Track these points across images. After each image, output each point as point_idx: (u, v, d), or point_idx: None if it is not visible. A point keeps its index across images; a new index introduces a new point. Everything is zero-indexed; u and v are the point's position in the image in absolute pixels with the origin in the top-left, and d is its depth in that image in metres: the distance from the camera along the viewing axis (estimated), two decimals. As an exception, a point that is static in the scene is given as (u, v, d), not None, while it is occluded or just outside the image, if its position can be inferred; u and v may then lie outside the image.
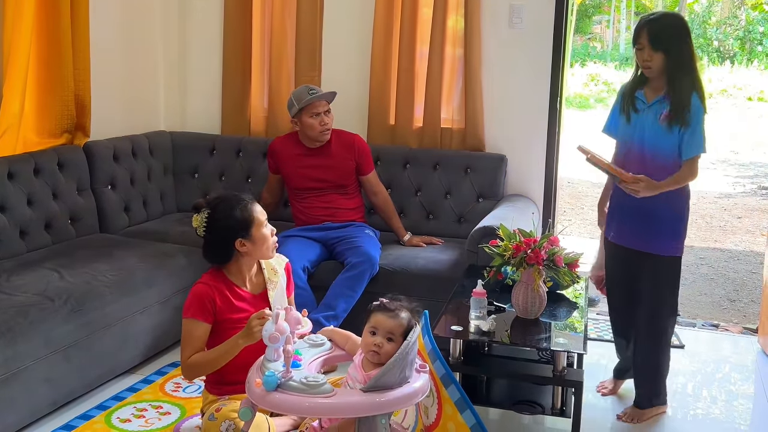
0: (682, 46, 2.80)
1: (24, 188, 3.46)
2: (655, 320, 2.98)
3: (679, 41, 2.80)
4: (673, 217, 2.88)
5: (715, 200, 8.52)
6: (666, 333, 3.03)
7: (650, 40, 2.79)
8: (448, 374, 2.31)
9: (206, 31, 4.64)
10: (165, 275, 3.40)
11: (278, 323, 2.15)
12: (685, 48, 2.80)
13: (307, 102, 3.66)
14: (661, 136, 2.82)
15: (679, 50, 2.80)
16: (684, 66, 2.80)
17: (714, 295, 5.25)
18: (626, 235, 2.97)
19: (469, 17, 4.09)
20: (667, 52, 2.79)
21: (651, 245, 2.90)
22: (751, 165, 10.87)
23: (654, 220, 2.87)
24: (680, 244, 2.92)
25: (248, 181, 4.40)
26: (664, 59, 2.79)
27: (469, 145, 4.21)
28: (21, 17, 3.44)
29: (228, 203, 2.56)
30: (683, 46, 2.80)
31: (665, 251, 2.89)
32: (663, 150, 2.82)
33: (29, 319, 2.71)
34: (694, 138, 2.77)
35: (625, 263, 3.01)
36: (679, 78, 2.79)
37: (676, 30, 2.82)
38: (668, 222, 2.88)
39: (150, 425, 2.86)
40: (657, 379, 3.04)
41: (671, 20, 2.87)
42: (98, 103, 3.97)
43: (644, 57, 2.83)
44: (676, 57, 2.79)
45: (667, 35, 2.80)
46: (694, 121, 2.76)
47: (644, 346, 3.02)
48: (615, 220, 3.02)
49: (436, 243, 3.87)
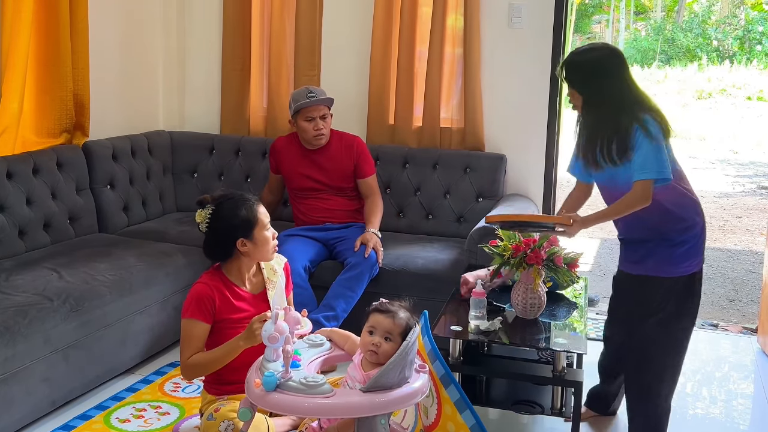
0: (598, 82, 2.54)
1: (23, 188, 3.46)
2: (641, 371, 2.66)
3: (593, 77, 2.54)
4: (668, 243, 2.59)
5: (715, 200, 8.52)
6: (651, 392, 2.65)
7: (566, 78, 2.61)
8: (448, 374, 2.30)
9: (206, 31, 4.64)
10: (164, 275, 3.40)
11: (277, 323, 2.15)
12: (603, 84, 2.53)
13: (302, 105, 3.65)
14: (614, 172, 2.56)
15: (592, 87, 2.55)
16: (598, 104, 2.54)
17: (713, 294, 5.25)
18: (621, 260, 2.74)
19: (469, 16, 4.09)
20: (581, 93, 2.58)
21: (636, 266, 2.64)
22: (751, 164, 10.87)
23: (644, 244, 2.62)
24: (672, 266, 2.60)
25: (247, 181, 4.40)
26: (580, 97, 2.59)
27: (469, 144, 4.21)
28: (20, 17, 3.44)
29: (233, 202, 2.55)
30: (600, 81, 2.53)
31: (653, 271, 2.60)
32: (618, 186, 2.57)
33: (28, 318, 2.70)
34: (644, 161, 2.46)
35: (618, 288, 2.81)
36: (591, 118, 2.56)
37: (594, 65, 2.55)
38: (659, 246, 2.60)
39: (149, 425, 2.86)
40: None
41: (589, 55, 2.59)
42: (97, 102, 3.97)
43: (568, 93, 2.64)
44: (591, 97, 2.56)
45: (579, 73, 2.58)
46: (639, 148, 2.46)
47: (631, 402, 2.72)
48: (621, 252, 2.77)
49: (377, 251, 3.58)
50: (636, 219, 2.57)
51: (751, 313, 4.85)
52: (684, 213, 2.62)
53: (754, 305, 4.99)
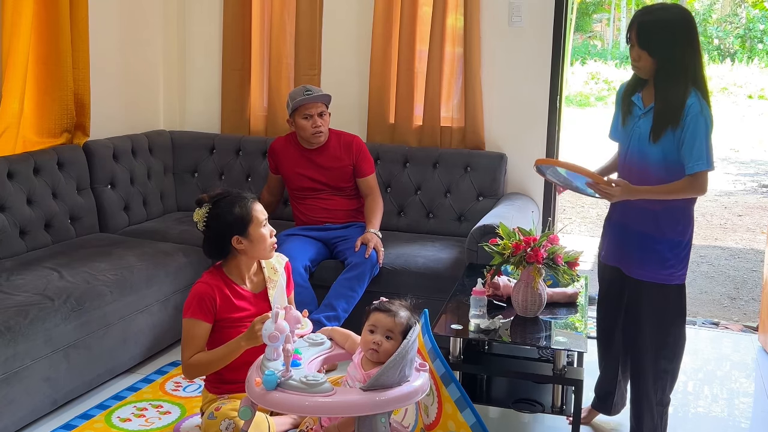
0: (674, 48, 2.42)
1: (24, 188, 3.46)
2: (642, 379, 2.63)
3: (671, 41, 2.42)
4: (667, 241, 2.55)
5: (716, 198, 8.52)
6: (649, 399, 2.63)
7: (638, 38, 2.46)
8: (448, 373, 2.31)
9: (206, 30, 4.64)
10: (165, 274, 3.40)
11: (278, 322, 2.15)
12: (677, 50, 2.42)
13: (299, 103, 3.64)
14: (646, 146, 2.52)
15: (670, 52, 2.43)
16: (674, 71, 2.43)
17: (714, 293, 5.24)
18: (611, 255, 2.73)
19: (469, 16, 4.09)
20: (654, 54, 2.44)
21: (632, 268, 2.62)
22: (752, 163, 10.86)
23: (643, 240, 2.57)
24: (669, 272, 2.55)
25: (248, 180, 4.40)
26: (652, 61, 2.46)
27: (469, 143, 4.21)
28: (20, 16, 3.44)
29: (229, 200, 2.56)
30: (675, 47, 2.42)
31: (648, 277, 2.57)
32: (647, 163, 2.52)
33: (29, 318, 2.71)
34: (692, 152, 2.41)
35: (611, 283, 2.78)
36: (665, 87, 2.45)
37: (668, 27, 2.43)
38: (659, 246, 2.55)
39: (150, 424, 2.86)
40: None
41: (667, 15, 2.45)
42: (98, 102, 3.97)
43: (633, 56, 2.50)
44: (666, 60, 2.43)
45: (657, 33, 2.44)
46: (690, 131, 2.41)
47: (633, 406, 2.70)
48: (607, 239, 2.76)
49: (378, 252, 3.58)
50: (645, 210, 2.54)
51: (752, 311, 4.84)
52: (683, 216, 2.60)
53: (755, 303, 4.99)
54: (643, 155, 2.55)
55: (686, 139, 2.43)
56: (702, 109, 2.43)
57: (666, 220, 2.55)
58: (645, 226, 2.58)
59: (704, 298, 5.14)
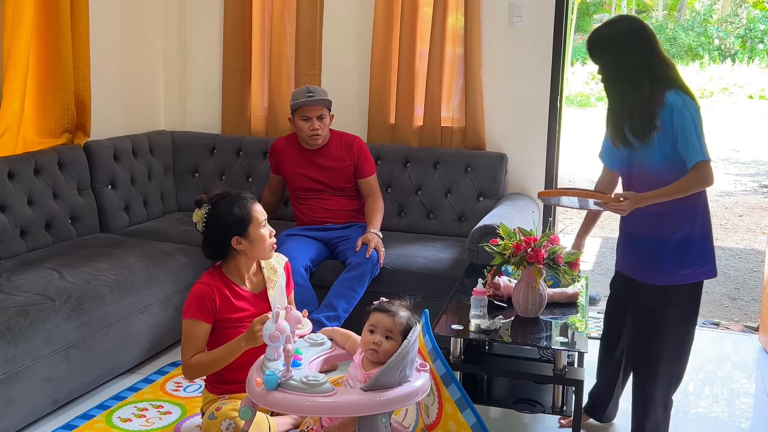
0: (623, 58, 2.48)
1: (24, 188, 3.46)
2: (651, 382, 2.61)
3: (617, 53, 2.49)
4: (677, 242, 2.54)
5: (716, 198, 8.52)
6: (655, 401, 2.62)
7: (592, 57, 2.55)
8: (449, 373, 2.31)
9: (206, 30, 4.64)
10: (165, 275, 3.40)
11: (278, 322, 2.15)
12: (628, 58, 2.47)
13: (299, 104, 3.64)
14: (643, 154, 2.52)
15: (618, 62, 2.49)
16: (628, 76, 2.47)
17: (715, 293, 5.24)
18: (624, 264, 2.72)
19: (469, 16, 4.09)
20: (606, 68, 2.52)
21: (647, 274, 2.58)
22: (752, 163, 10.86)
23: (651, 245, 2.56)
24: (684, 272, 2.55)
25: (248, 181, 4.40)
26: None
27: (470, 143, 4.21)
28: (21, 17, 3.44)
29: (229, 200, 2.56)
30: (624, 56, 2.48)
31: (662, 280, 2.55)
32: (648, 169, 2.52)
33: (30, 318, 2.71)
34: (688, 146, 2.42)
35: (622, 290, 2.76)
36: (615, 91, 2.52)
37: (613, 40, 2.50)
38: (668, 247, 2.54)
39: (151, 425, 2.86)
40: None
41: (611, 29, 2.55)
42: (98, 102, 3.98)
43: (598, 74, 2.58)
44: (612, 67, 2.50)
45: (605, 48, 2.52)
46: (680, 126, 2.42)
47: (636, 409, 2.68)
48: (619, 248, 2.75)
49: (379, 252, 3.58)
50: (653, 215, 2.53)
51: (752, 311, 4.84)
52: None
53: (755, 304, 4.99)
54: (642, 163, 2.55)
55: (678, 135, 2.44)
56: (685, 103, 2.44)
57: (670, 222, 2.55)
58: (650, 230, 2.57)
59: (705, 298, 5.08)
